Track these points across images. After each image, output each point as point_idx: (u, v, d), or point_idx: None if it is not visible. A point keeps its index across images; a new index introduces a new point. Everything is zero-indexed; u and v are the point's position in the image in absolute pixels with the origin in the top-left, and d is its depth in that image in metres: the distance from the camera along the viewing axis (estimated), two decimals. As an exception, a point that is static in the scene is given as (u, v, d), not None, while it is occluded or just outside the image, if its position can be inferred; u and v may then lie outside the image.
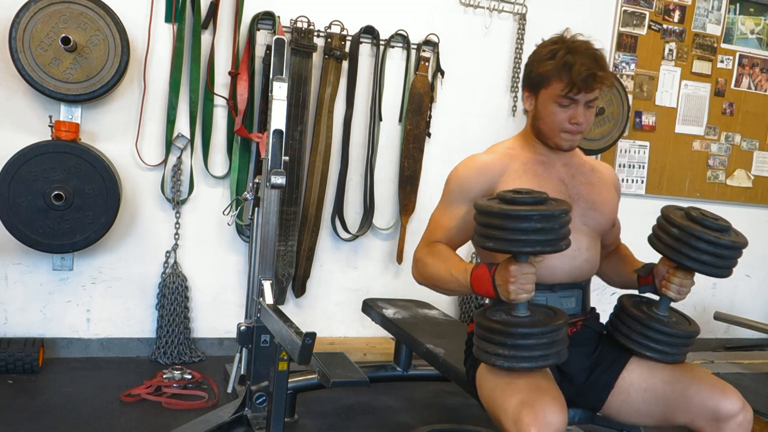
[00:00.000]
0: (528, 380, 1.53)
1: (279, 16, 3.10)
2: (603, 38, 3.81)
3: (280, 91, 2.25)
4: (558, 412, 1.44)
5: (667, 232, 1.68)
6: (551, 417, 1.42)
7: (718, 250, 1.65)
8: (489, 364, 1.58)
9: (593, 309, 1.96)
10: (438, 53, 3.44)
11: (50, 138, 2.74)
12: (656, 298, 1.81)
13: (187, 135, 3.10)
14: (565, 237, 1.52)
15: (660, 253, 1.75)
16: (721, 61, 4.09)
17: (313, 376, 2.51)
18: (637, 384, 1.67)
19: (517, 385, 1.52)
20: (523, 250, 1.48)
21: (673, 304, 1.82)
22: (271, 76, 2.28)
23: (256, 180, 2.49)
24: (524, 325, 1.53)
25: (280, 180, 2.25)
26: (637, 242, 4.36)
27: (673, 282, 1.74)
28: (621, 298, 1.89)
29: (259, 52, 3.13)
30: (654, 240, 1.75)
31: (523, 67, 3.62)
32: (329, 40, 3.21)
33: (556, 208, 1.49)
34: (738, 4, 4.09)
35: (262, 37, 3.14)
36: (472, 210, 1.62)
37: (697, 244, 1.62)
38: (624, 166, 3.95)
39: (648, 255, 4.32)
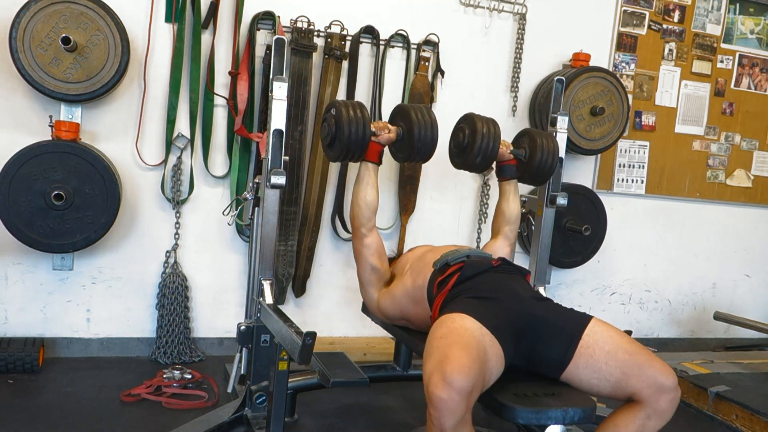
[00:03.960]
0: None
1: (279, 16, 3.10)
2: (603, 38, 3.82)
3: (280, 91, 2.25)
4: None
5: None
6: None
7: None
8: None
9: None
10: (438, 53, 3.44)
11: (50, 138, 2.74)
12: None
13: (187, 135, 3.11)
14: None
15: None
16: (721, 61, 4.09)
17: (313, 376, 2.51)
18: (602, 344, 1.87)
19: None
20: None
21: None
22: (271, 76, 2.27)
23: (256, 180, 2.49)
24: None
25: (280, 180, 2.25)
26: (639, 241, 4.38)
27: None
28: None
29: (259, 52, 3.14)
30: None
31: (523, 67, 3.64)
32: (329, 40, 3.21)
33: None
34: (738, 4, 4.10)
35: (262, 37, 3.14)
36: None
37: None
38: (624, 166, 3.95)
39: (646, 253, 4.31)
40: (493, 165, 2.64)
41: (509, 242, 2.59)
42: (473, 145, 2.49)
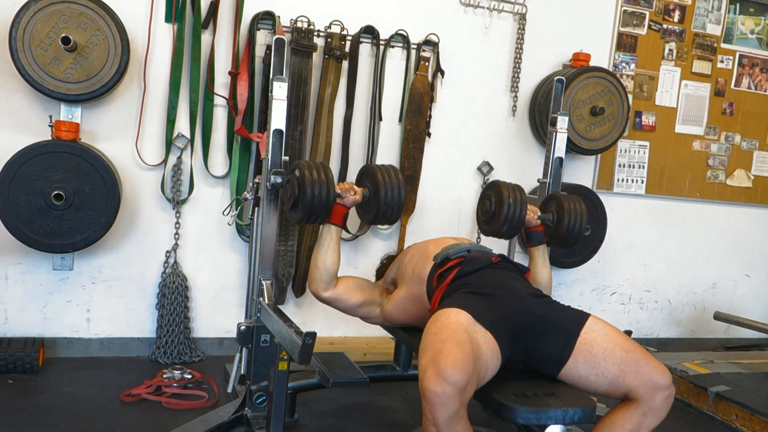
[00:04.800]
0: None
1: (279, 16, 3.10)
2: (603, 38, 3.82)
3: (280, 91, 2.25)
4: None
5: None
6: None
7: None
8: None
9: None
10: (438, 53, 3.44)
11: (50, 138, 2.74)
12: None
13: (187, 135, 3.11)
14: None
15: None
16: (721, 61, 4.09)
17: (313, 376, 2.51)
18: (600, 341, 1.89)
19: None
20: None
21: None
22: (271, 76, 2.28)
23: (256, 180, 2.49)
24: None
25: (280, 180, 2.25)
26: (639, 241, 4.37)
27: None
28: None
29: (259, 51, 3.14)
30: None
31: (523, 67, 3.64)
32: (329, 40, 3.21)
33: None
34: (738, 4, 4.10)
35: (262, 37, 3.14)
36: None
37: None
38: (624, 166, 3.95)
39: (646, 253, 4.31)
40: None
41: None
42: (500, 213, 2.50)
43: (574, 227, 2.59)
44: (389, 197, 2.29)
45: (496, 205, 2.54)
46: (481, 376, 1.78)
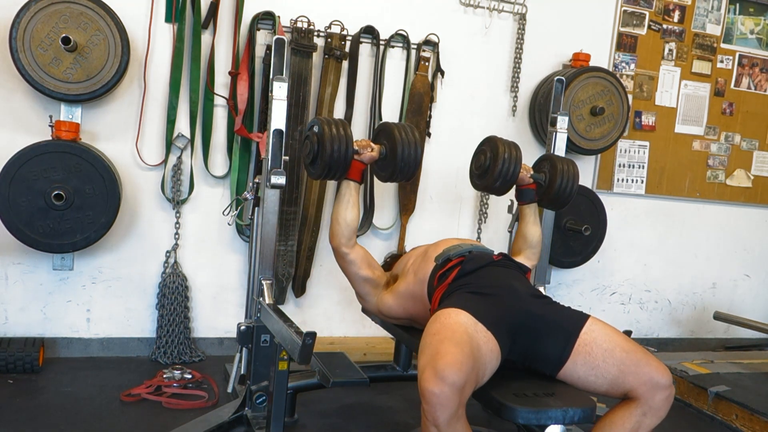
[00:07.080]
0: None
1: (279, 16, 3.10)
2: (603, 38, 3.82)
3: (280, 91, 2.25)
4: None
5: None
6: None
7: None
8: None
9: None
10: (438, 53, 3.44)
11: (50, 138, 2.74)
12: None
13: (187, 135, 3.11)
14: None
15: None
16: (721, 61, 4.09)
17: (313, 376, 2.51)
18: (600, 342, 1.89)
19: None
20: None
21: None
22: (271, 76, 2.28)
23: (256, 180, 2.49)
24: None
25: (280, 180, 2.25)
26: (639, 241, 4.37)
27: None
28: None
29: (259, 52, 3.14)
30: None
31: (523, 67, 3.64)
32: (329, 40, 3.21)
33: None
34: (738, 4, 4.10)
35: (262, 37, 3.14)
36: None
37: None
38: (624, 166, 3.95)
39: (646, 253, 4.31)
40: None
41: (530, 263, 2.57)
42: (494, 168, 2.48)
43: (565, 189, 2.59)
44: (406, 154, 2.27)
45: (491, 160, 2.51)
46: (480, 376, 1.78)
